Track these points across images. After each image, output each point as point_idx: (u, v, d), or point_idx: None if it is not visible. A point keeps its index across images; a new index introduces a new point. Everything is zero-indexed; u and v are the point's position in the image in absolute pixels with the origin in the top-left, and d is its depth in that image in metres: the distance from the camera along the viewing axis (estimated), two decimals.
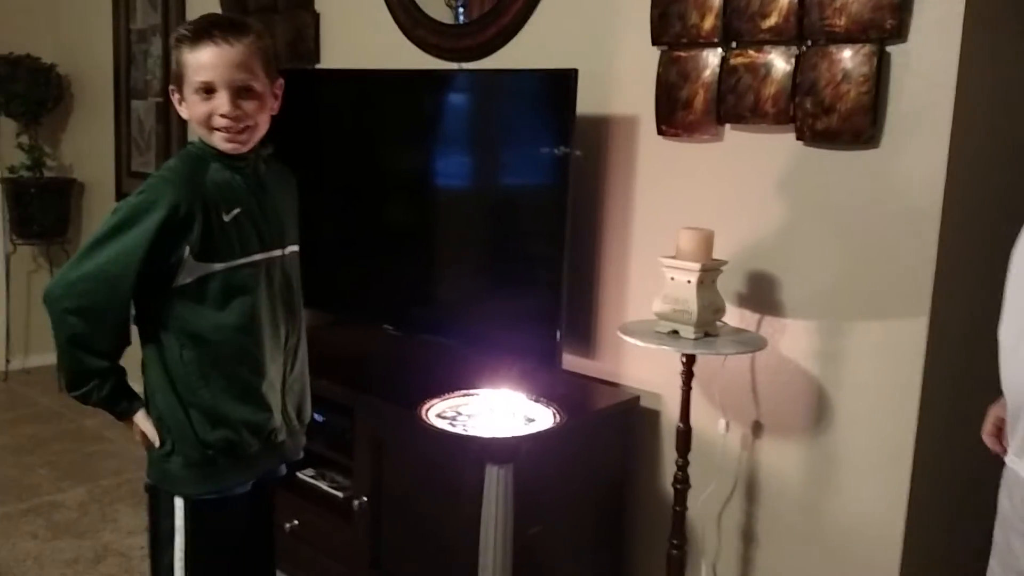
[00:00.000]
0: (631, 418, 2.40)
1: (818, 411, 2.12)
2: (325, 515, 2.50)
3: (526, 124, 2.33)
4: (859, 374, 2.04)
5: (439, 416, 1.97)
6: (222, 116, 1.59)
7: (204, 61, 1.57)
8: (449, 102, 2.53)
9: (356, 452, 2.37)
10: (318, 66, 3.19)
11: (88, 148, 4.54)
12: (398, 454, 2.29)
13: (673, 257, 2.03)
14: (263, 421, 1.72)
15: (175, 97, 1.66)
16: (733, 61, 2.12)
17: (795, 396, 2.15)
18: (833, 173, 2.04)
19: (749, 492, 2.25)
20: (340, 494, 2.55)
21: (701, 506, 2.30)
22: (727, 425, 2.25)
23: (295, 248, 1.82)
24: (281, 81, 1.70)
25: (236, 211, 1.64)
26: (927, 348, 1.94)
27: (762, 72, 2.08)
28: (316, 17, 3.18)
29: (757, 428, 2.23)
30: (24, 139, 4.41)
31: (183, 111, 1.65)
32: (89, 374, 1.62)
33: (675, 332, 2.03)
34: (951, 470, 2.13)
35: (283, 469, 1.88)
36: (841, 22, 1.94)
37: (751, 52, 2.09)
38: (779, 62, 2.05)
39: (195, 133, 1.67)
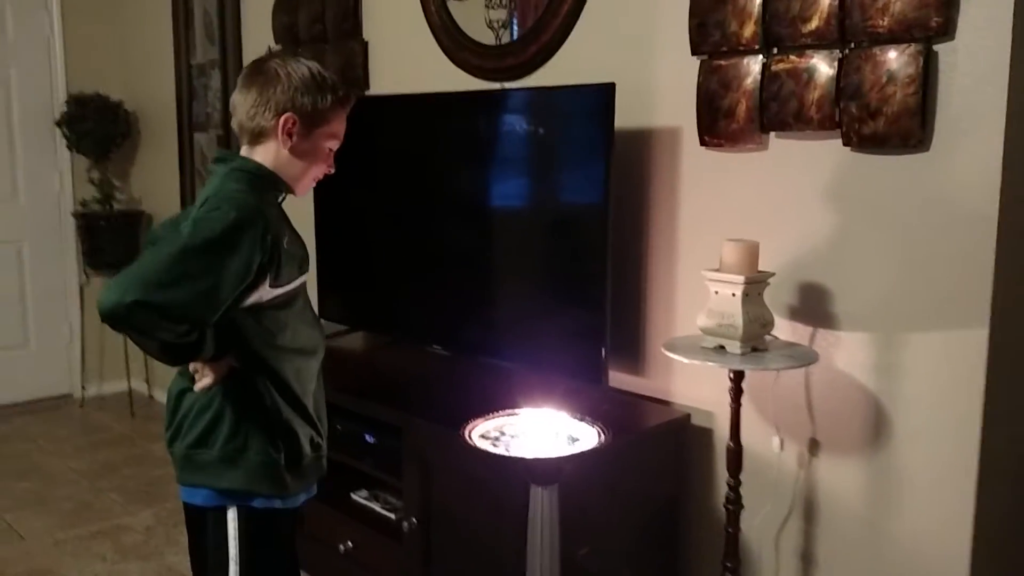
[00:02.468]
0: (682, 437, 2.35)
1: (876, 427, 2.03)
2: (377, 537, 2.50)
3: (565, 140, 2.31)
4: (918, 387, 1.96)
5: (483, 437, 1.96)
6: (327, 170, 1.76)
7: (344, 126, 1.75)
8: (489, 122, 2.53)
9: (405, 473, 2.37)
10: (368, 93, 3.23)
11: (155, 181, 4.69)
12: (446, 475, 2.28)
13: (717, 270, 1.98)
14: (314, 434, 1.76)
15: (289, 127, 1.66)
16: (774, 67, 2.07)
17: (852, 412, 2.07)
18: (882, 179, 1.96)
19: (807, 513, 2.17)
20: (392, 515, 2.55)
21: (757, 528, 2.22)
22: (781, 443, 2.18)
23: None
24: None
25: (287, 236, 1.67)
26: (988, 358, 1.85)
27: (804, 77, 2.02)
28: (364, 45, 3.22)
29: (813, 446, 2.15)
30: (95, 174, 4.58)
31: (286, 142, 1.67)
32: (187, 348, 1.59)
33: (721, 347, 1.97)
34: (1019, 486, 2.02)
35: (315, 488, 1.89)
36: (884, 22, 1.87)
37: (792, 57, 2.04)
38: (822, 66, 1.99)
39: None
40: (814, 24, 1.99)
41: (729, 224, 2.22)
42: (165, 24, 4.36)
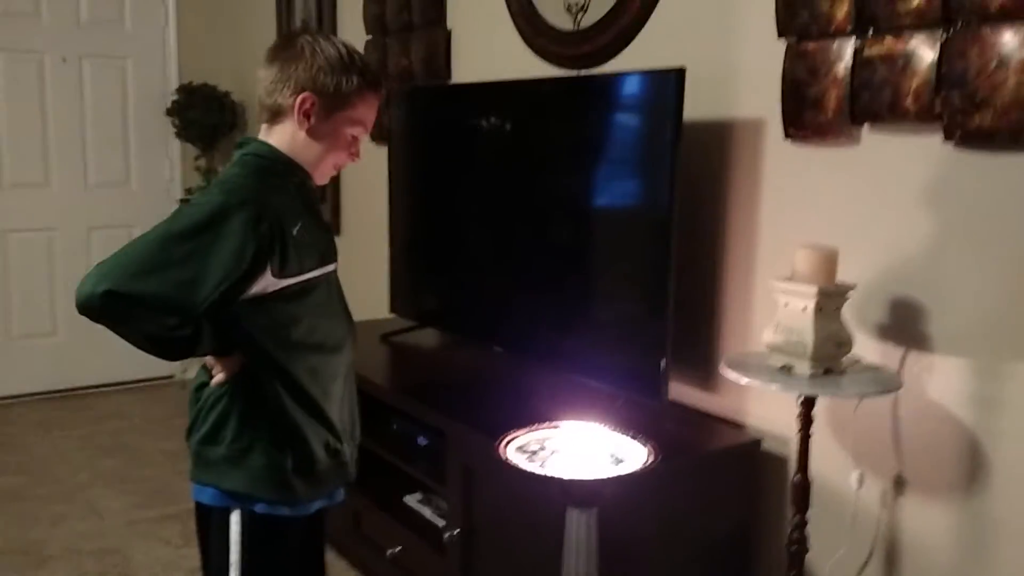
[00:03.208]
0: (751, 465, 2.12)
1: (971, 467, 1.76)
2: (422, 545, 2.39)
3: (629, 133, 2.13)
4: (1021, 424, 1.67)
5: (520, 450, 1.81)
6: (348, 158, 1.64)
7: (374, 117, 1.63)
8: (548, 113, 2.36)
9: (449, 481, 2.24)
10: (451, 82, 3.13)
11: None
12: (488, 486, 2.14)
13: (788, 279, 1.75)
14: (330, 438, 1.64)
15: (307, 107, 1.55)
16: (868, 52, 1.82)
17: (944, 448, 1.80)
18: (989, 181, 1.69)
19: (888, 559, 1.91)
20: (441, 522, 2.44)
21: (830, 572, 1.98)
22: (861, 478, 1.92)
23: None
24: None
25: (299, 224, 1.56)
26: None
27: (900, 63, 1.76)
28: (448, 34, 3.12)
29: (899, 484, 1.89)
30: (202, 162, 4.68)
31: (303, 123, 1.56)
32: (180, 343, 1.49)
33: (789, 367, 1.75)
34: None
35: (341, 493, 1.78)
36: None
37: (888, 40, 1.78)
38: (921, 50, 1.73)
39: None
40: (915, 2, 1.73)
41: (814, 228, 1.98)
42: (271, 16, 4.40)
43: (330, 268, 1.65)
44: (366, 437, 2.59)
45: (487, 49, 2.95)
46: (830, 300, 1.70)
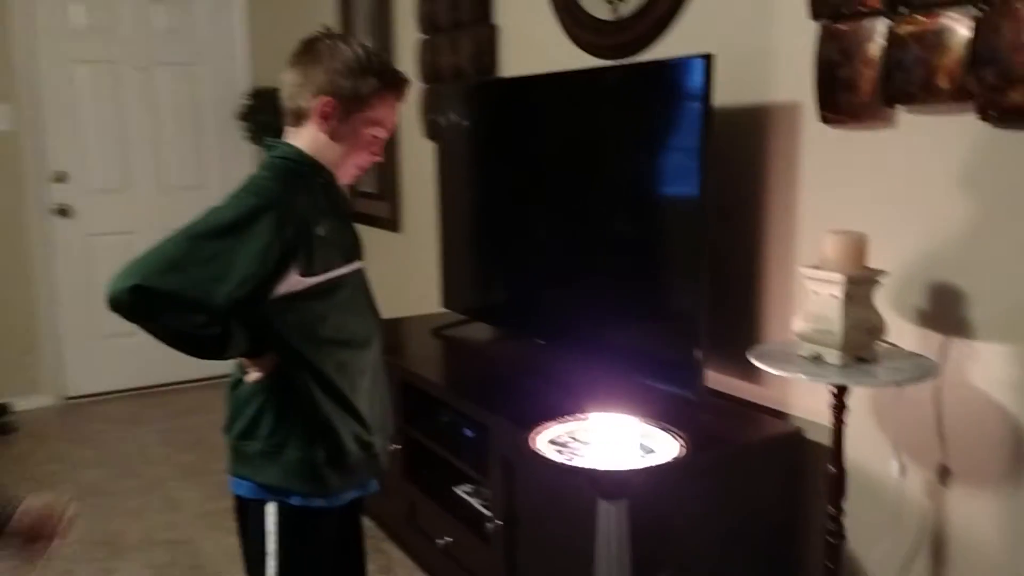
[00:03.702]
0: (792, 454, 2.08)
1: (1017, 456, 1.69)
2: (470, 535, 2.43)
3: (660, 121, 2.10)
4: None
5: (552, 442, 1.82)
6: (371, 158, 1.68)
7: (395, 117, 1.67)
8: (580, 104, 2.36)
9: (491, 473, 2.27)
10: (501, 76, 3.16)
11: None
12: (526, 477, 2.17)
13: (816, 267, 1.72)
14: (361, 431, 1.69)
15: (327, 110, 1.59)
16: (899, 31, 1.77)
17: (988, 436, 1.74)
18: None
19: (935, 551, 1.86)
20: (488, 513, 2.47)
21: (877, 563, 1.93)
22: (902, 468, 1.87)
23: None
24: None
25: (325, 224, 1.61)
26: None
27: (932, 40, 1.70)
28: (494, 30, 3.14)
29: (943, 473, 1.83)
30: None
31: (323, 125, 1.61)
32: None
33: (819, 356, 1.71)
34: None
35: (375, 484, 1.82)
36: None
37: (920, 18, 1.73)
38: (954, 27, 1.67)
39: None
40: None
41: (852, 212, 1.94)
42: (334, 19, 4.50)
43: (356, 266, 1.69)
44: (418, 430, 2.67)
45: (531, 44, 2.96)
46: (859, 287, 1.66)
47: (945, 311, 1.79)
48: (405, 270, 3.93)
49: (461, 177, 2.98)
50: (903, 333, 1.84)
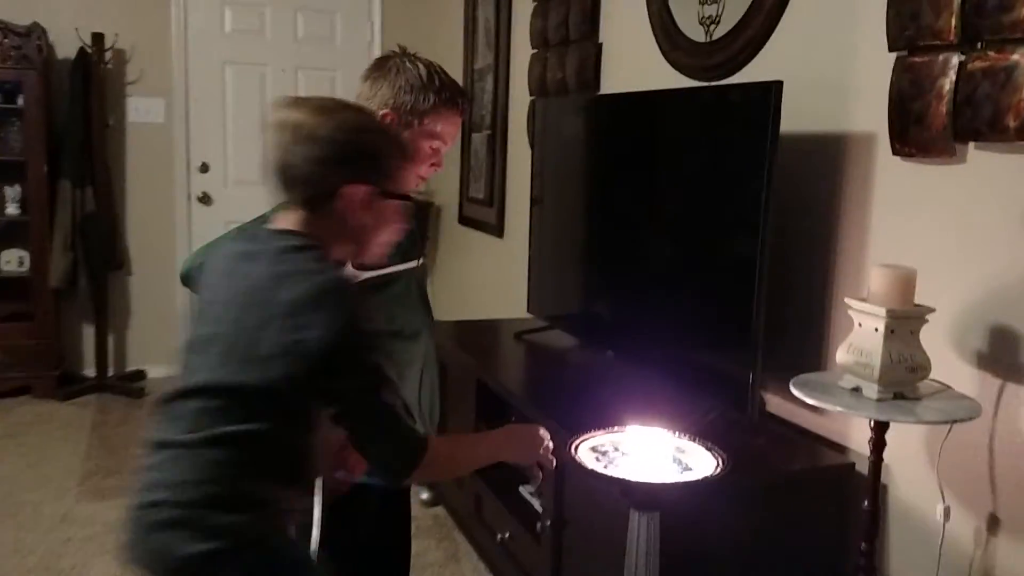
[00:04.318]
0: (843, 488, 2.06)
1: None
2: (524, 532, 2.51)
3: (729, 146, 2.13)
4: None
5: (593, 450, 1.89)
6: (429, 169, 1.78)
7: (455, 131, 1.77)
8: (664, 125, 2.41)
9: (544, 475, 2.35)
10: (599, 93, 3.23)
11: (443, 176, 5.06)
12: (575, 482, 2.23)
13: (863, 300, 1.71)
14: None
15: (387, 121, 1.70)
16: (971, 66, 1.74)
17: None
18: None
19: None
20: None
21: None
22: (947, 511, 1.83)
23: (422, 260, 1.91)
24: None
25: None
26: None
27: (1002, 77, 1.67)
28: (599, 47, 3.22)
29: (992, 522, 1.78)
30: None
31: None
32: None
33: (859, 389, 1.71)
34: None
35: None
36: None
37: (991, 54, 1.69)
38: (1023, 64, 1.63)
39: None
40: (1019, 13, 1.63)
41: (920, 246, 1.91)
42: (459, 31, 4.69)
43: (411, 265, 1.81)
44: (489, 427, 2.78)
45: (631, 62, 3.02)
46: (903, 323, 1.65)
47: (1003, 354, 1.74)
48: (506, 275, 4.06)
49: (553, 188, 3.08)
50: (961, 374, 1.80)
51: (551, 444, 1.63)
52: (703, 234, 2.25)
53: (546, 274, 3.11)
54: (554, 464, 1.62)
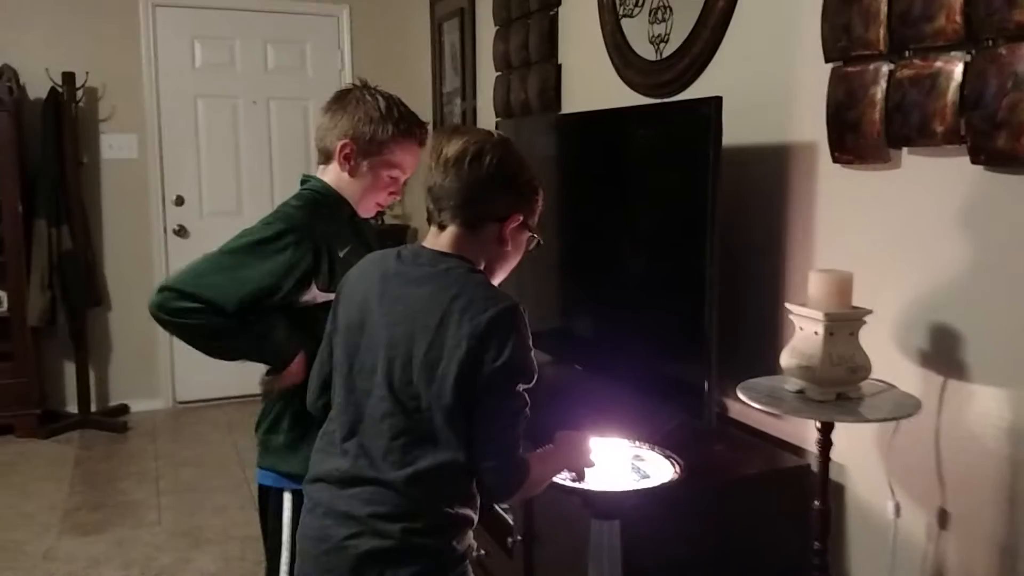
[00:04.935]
0: (802, 490, 2.10)
1: (1011, 502, 1.67)
2: (498, 548, 2.54)
3: (674, 161, 2.18)
4: None
5: None
6: (388, 198, 1.87)
7: (413, 160, 1.84)
8: (603, 143, 2.46)
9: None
10: (561, 112, 3.29)
11: (419, 199, 5.11)
12: (543, 496, 2.26)
13: (803, 305, 1.76)
14: None
15: (346, 152, 1.79)
16: (899, 74, 1.80)
17: (984, 481, 1.73)
18: (1018, 203, 1.62)
19: None
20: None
21: None
22: (897, 508, 1.87)
23: None
24: None
25: (347, 248, 1.80)
26: None
27: (928, 85, 1.73)
28: (558, 68, 3.29)
29: (942, 516, 1.82)
30: None
31: (344, 165, 1.81)
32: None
33: (803, 391, 1.75)
34: None
35: None
36: (1013, 15, 1.55)
37: (917, 62, 1.76)
38: (946, 71, 1.69)
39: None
40: (939, 23, 1.70)
41: (864, 251, 1.96)
42: (427, 59, 4.76)
43: None
44: None
45: (588, 81, 3.09)
46: (841, 325, 1.69)
47: (943, 352, 1.79)
48: None
49: None
50: (906, 372, 1.85)
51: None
52: (658, 248, 2.30)
53: (516, 291, 3.14)
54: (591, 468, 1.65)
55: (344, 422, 1.47)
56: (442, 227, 1.47)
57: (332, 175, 1.84)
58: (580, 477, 1.66)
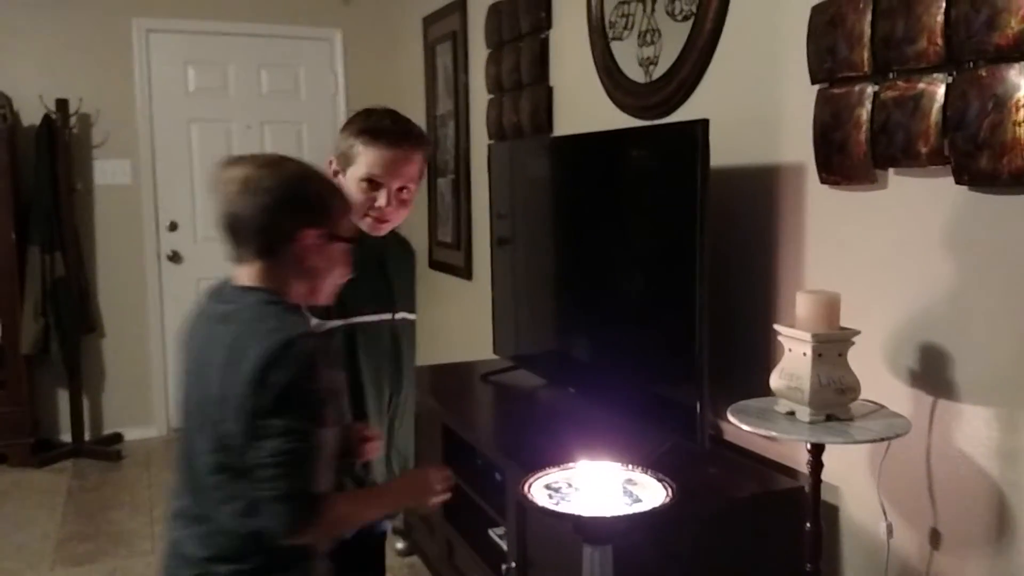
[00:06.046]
0: (794, 511, 2.08)
1: (1000, 522, 1.67)
2: (493, 571, 2.53)
3: (662, 183, 2.19)
4: None
5: (547, 487, 1.91)
6: (367, 212, 1.78)
7: (383, 170, 1.75)
8: (610, 163, 2.47)
9: (507, 516, 2.37)
10: (552, 134, 3.31)
11: (413, 222, 5.12)
12: (536, 522, 2.25)
13: (791, 326, 1.76)
14: (361, 473, 1.82)
15: (332, 168, 1.80)
16: (883, 96, 1.81)
17: (974, 501, 1.72)
18: (1002, 223, 1.63)
19: None
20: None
21: None
22: (889, 528, 1.86)
23: (408, 316, 1.92)
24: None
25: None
26: None
27: (911, 106, 1.74)
28: (549, 90, 3.30)
29: (934, 537, 1.81)
30: None
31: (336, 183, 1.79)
32: None
33: (793, 413, 1.75)
34: None
35: (386, 524, 1.96)
36: (992, 38, 1.56)
37: (901, 84, 1.77)
38: (929, 93, 1.70)
39: None
40: (921, 45, 1.71)
41: (853, 271, 1.97)
42: (420, 82, 4.78)
43: (383, 317, 1.84)
44: (456, 472, 2.79)
45: (579, 103, 3.10)
46: (829, 346, 1.69)
47: (933, 372, 1.79)
48: (476, 316, 4.10)
49: (511, 230, 3.13)
50: (896, 393, 1.85)
51: (447, 483, 1.71)
52: (649, 270, 2.30)
53: (509, 315, 3.15)
54: (440, 503, 1.72)
55: (180, 460, 1.51)
56: (241, 260, 1.47)
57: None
58: (429, 509, 1.69)
